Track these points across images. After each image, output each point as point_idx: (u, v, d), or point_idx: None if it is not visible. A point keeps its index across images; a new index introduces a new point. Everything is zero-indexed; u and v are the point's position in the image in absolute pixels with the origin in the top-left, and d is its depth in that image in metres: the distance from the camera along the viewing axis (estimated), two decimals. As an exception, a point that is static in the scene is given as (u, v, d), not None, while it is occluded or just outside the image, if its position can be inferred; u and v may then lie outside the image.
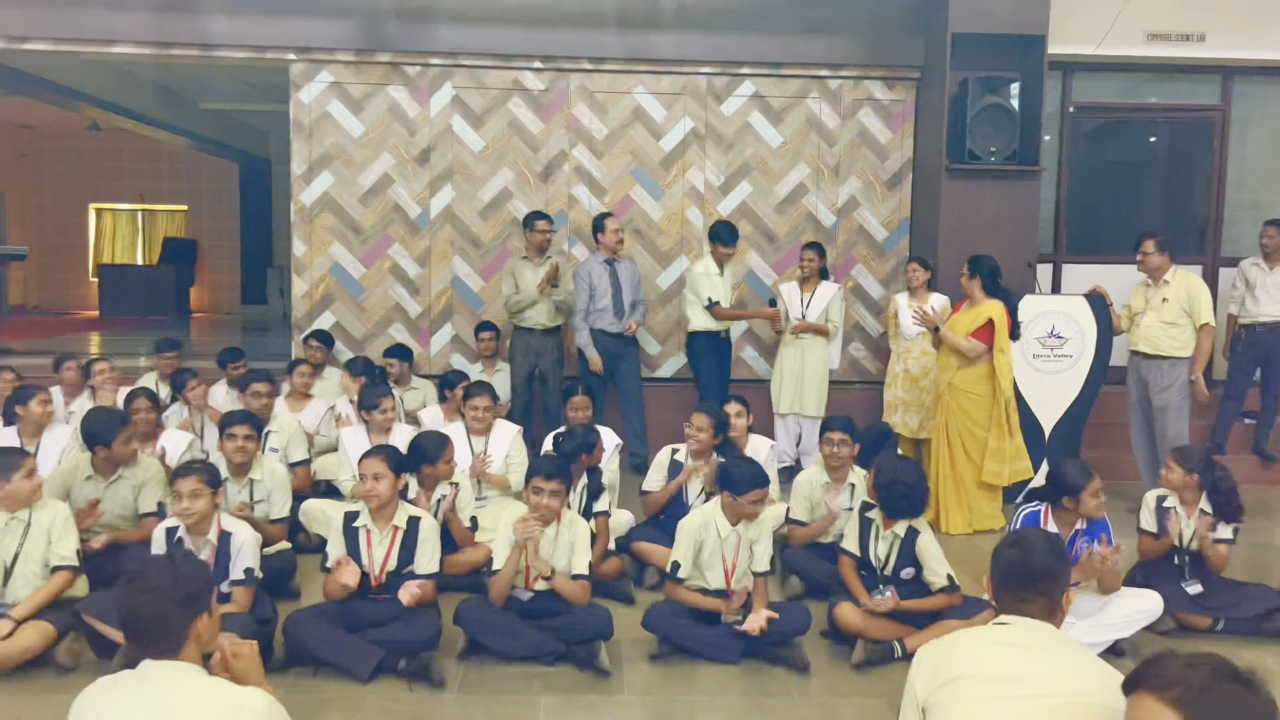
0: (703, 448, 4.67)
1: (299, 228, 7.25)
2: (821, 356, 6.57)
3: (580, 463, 4.40)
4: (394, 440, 4.94)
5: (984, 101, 6.77)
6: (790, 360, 6.60)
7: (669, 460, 4.79)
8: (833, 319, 6.55)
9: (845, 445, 4.50)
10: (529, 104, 7.26)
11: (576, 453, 4.38)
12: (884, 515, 3.86)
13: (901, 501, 3.79)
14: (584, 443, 4.39)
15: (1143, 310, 5.95)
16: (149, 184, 15.61)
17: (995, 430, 5.62)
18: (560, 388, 6.63)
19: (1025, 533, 2.32)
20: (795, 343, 6.56)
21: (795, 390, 6.57)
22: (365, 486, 3.61)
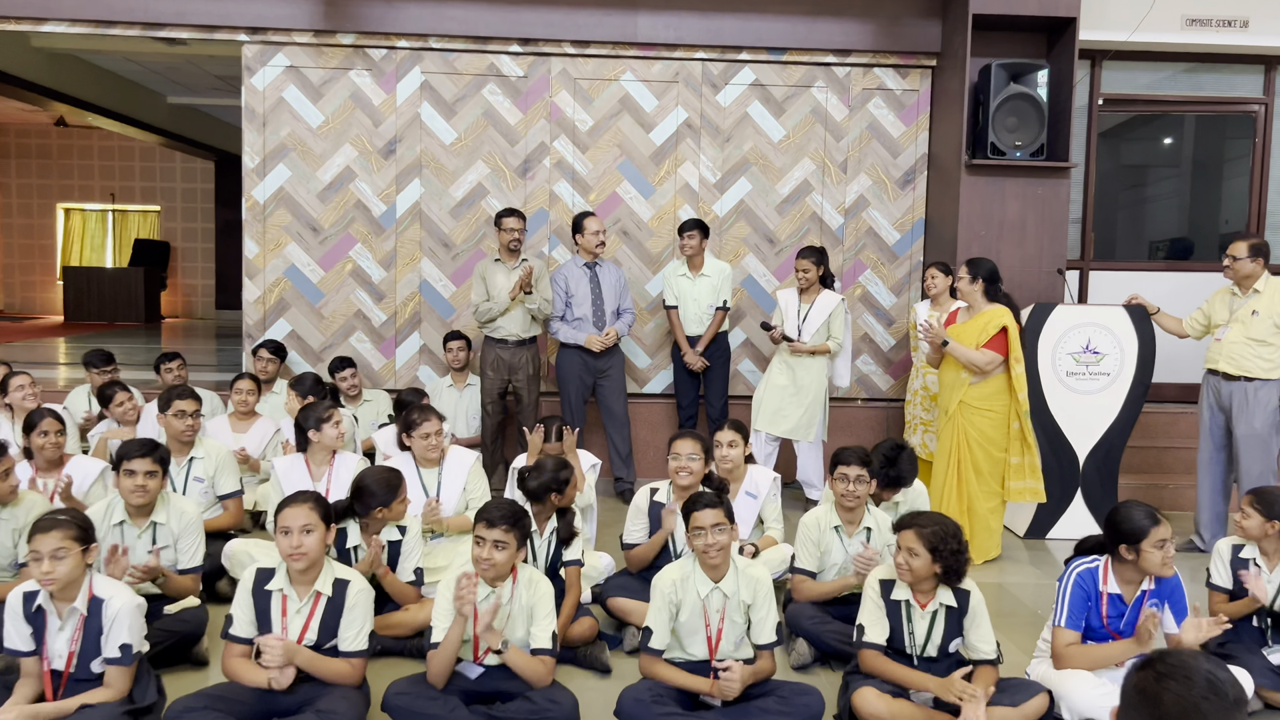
0: (694, 481, 3.99)
1: (251, 226, 6.57)
2: (817, 376, 5.84)
3: (548, 504, 3.72)
4: (338, 471, 4.28)
5: (1008, 91, 6.11)
6: (780, 375, 5.88)
7: (648, 503, 4.08)
8: (834, 334, 5.83)
9: (862, 482, 3.81)
10: (506, 91, 6.59)
11: (543, 492, 3.69)
12: (916, 589, 3.14)
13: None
14: (553, 479, 3.69)
15: (1226, 323, 5.21)
16: (120, 183, 14.94)
17: (1015, 446, 4.99)
18: (537, 405, 5.96)
19: (1182, 662, 1.60)
20: (790, 358, 5.87)
21: (776, 408, 5.84)
22: (289, 543, 2.93)
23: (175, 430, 4.25)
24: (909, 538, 3.03)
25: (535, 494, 3.67)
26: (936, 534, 3.00)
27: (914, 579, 3.07)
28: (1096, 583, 3.28)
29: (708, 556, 3.07)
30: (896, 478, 4.18)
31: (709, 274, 6.09)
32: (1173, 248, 7.78)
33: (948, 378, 5.06)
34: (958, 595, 3.11)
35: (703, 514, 3.07)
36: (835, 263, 6.81)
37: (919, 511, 3.12)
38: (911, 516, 3.09)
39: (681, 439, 4.02)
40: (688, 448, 3.98)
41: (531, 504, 3.70)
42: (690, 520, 3.11)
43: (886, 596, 3.15)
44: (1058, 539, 5.55)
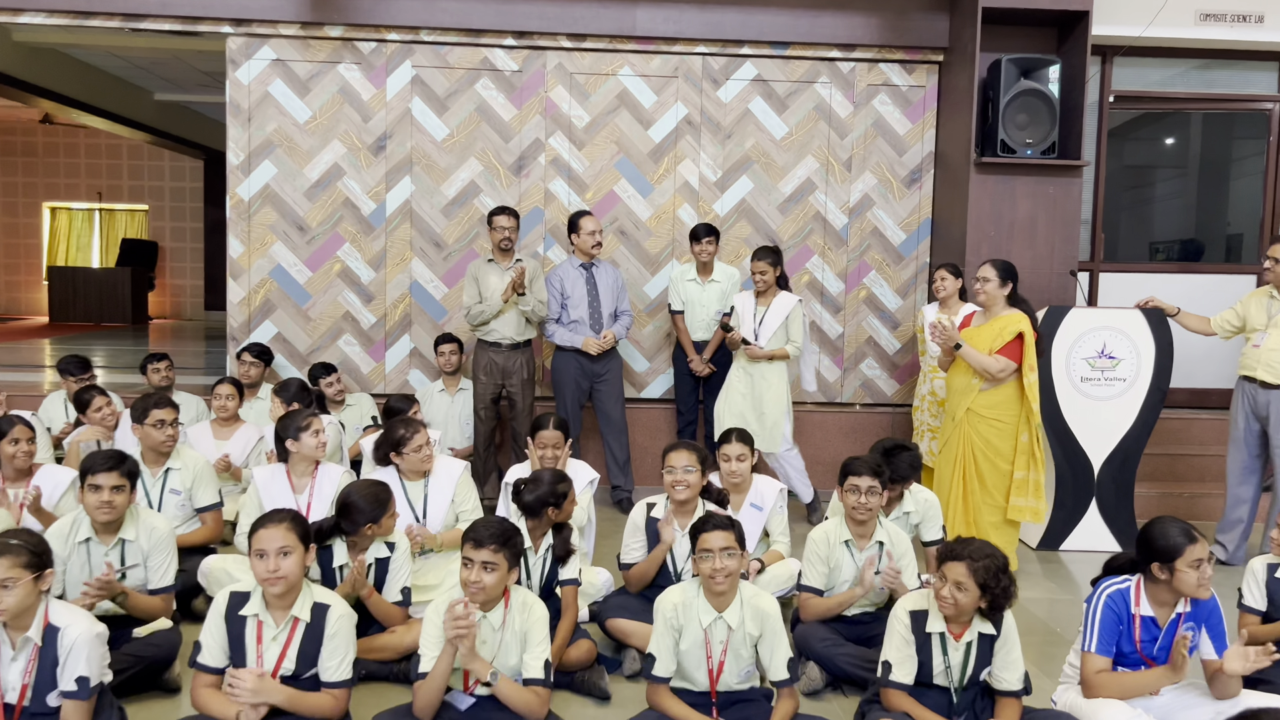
0: (692, 495, 3.78)
1: (236, 225, 6.34)
2: (778, 383, 5.51)
3: (544, 519, 3.50)
4: (321, 484, 4.06)
5: (1019, 86, 5.92)
6: (739, 384, 5.54)
7: (644, 519, 3.85)
8: (793, 337, 5.51)
9: (874, 494, 3.60)
10: (500, 86, 6.37)
11: (540, 507, 3.47)
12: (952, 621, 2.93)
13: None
14: (550, 493, 3.47)
15: (1263, 328, 4.98)
16: (107, 182, 14.67)
17: (1021, 460, 4.74)
18: (531, 410, 5.75)
19: None
20: (749, 365, 5.54)
21: (738, 420, 5.43)
22: (266, 567, 2.71)
23: (154, 441, 4.03)
24: (958, 571, 2.82)
25: (531, 508, 3.46)
26: (989, 569, 2.79)
27: (957, 613, 2.86)
28: (1128, 605, 3.07)
29: (714, 583, 2.86)
30: (901, 475, 3.95)
31: (718, 279, 5.88)
32: (1183, 249, 7.60)
33: (957, 383, 4.85)
34: (994, 623, 2.91)
35: (712, 536, 2.86)
36: (839, 264, 6.61)
37: (965, 541, 2.90)
38: (960, 546, 2.86)
39: (676, 450, 3.79)
40: (683, 459, 3.75)
41: (526, 519, 3.49)
42: (698, 541, 2.90)
43: (919, 630, 2.93)
44: (1072, 551, 5.36)
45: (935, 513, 4.14)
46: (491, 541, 2.78)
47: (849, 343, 6.65)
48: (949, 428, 4.88)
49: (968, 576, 2.83)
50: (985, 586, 2.84)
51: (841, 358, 6.65)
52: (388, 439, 4.07)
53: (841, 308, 6.62)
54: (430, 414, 6.03)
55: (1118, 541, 5.33)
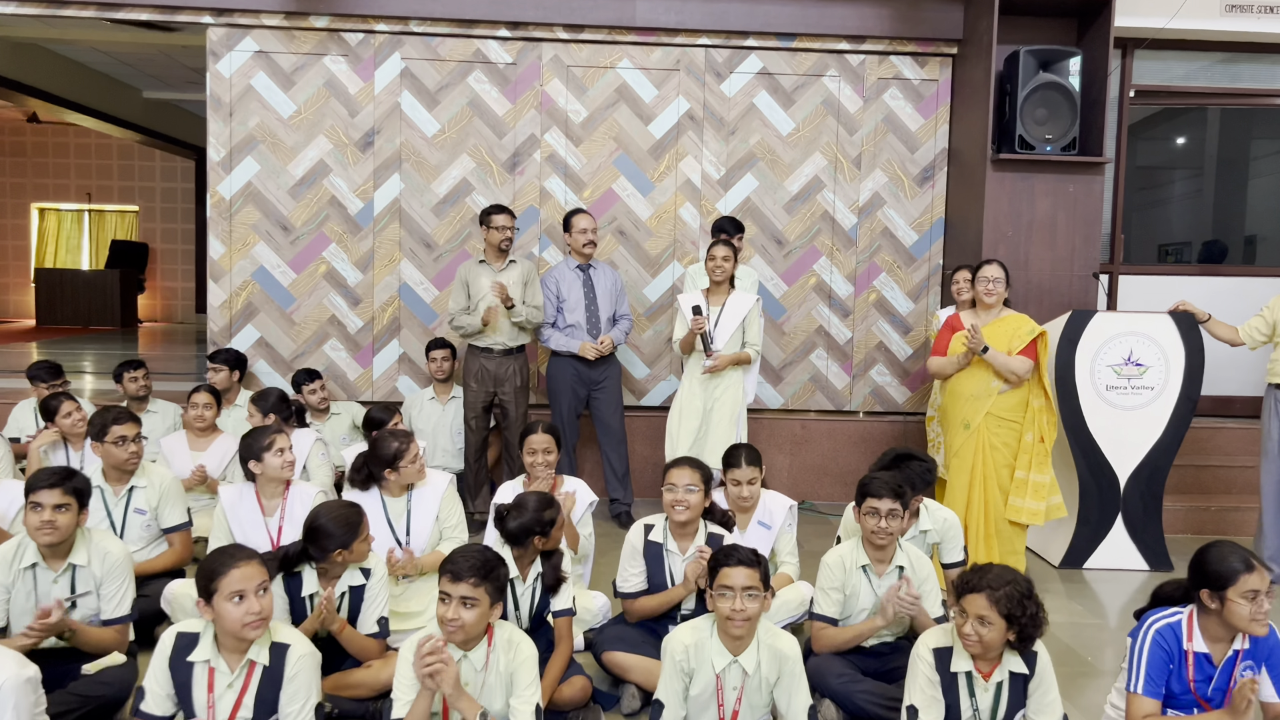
0: (693, 516, 3.48)
1: (216, 225, 6.05)
2: (735, 392, 5.11)
3: (531, 547, 3.20)
4: (293, 505, 3.76)
5: (1038, 80, 5.64)
6: (693, 395, 5.10)
7: (643, 542, 3.52)
8: (751, 340, 5.11)
9: (895, 518, 3.30)
10: (493, 79, 6.09)
11: (524, 535, 3.17)
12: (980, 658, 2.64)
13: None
14: (535, 521, 3.16)
15: None
16: (97, 182, 14.38)
17: (1023, 460, 4.55)
18: (524, 419, 5.45)
19: None
20: (700, 371, 5.10)
21: (696, 437, 5.05)
22: (248, 610, 2.43)
23: (116, 460, 3.72)
24: (978, 604, 2.53)
25: (514, 537, 3.16)
26: (1012, 597, 2.50)
27: (983, 650, 2.57)
28: (1180, 640, 2.77)
29: (731, 624, 2.57)
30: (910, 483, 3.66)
31: (740, 276, 5.58)
32: (1205, 251, 7.32)
33: (971, 388, 4.58)
34: (1026, 659, 2.61)
35: (735, 573, 2.57)
36: (848, 266, 6.32)
37: (982, 570, 2.61)
38: (976, 576, 2.57)
39: (678, 467, 3.48)
40: (685, 477, 3.45)
41: (512, 548, 3.19)
42: (717, 576, 2.61)
43: (943, 669, 2.64)
44: (1096, 569, 5.06)
45: (956, 532, 3.85)
46: (471, 574, 2.49)
47: (858, 348, 6.36)
48: (960, 437, 4.61)
49: (990, 608, 2.55)
50: (1011, 617, 2.55)
51: (850, 364, 6.36)
52: (379, 457, 3.76)
53: (850, 311, 6.33)
54: (420, 423, 5.75)
55: (1145, 560, 5.04)
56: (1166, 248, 7.35)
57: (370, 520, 3.68)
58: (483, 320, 5.21)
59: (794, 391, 6.36)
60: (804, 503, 6.19)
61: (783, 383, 6.34)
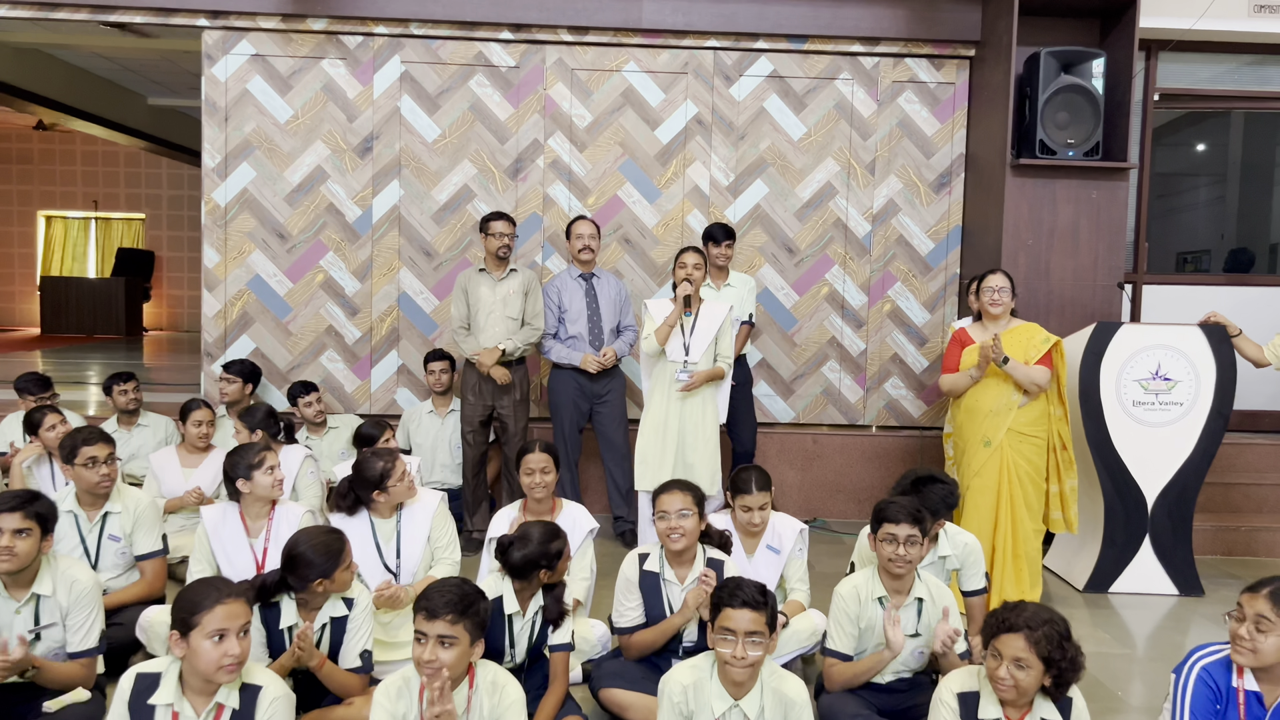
0: (689, 544, 3.27)
1: (211, 232, 5.89)
2: (712, 409, 4.82)
3: (534, 580, 3.00)
4: (279, 526, 3.57)
5: (1059, 82, 5.43)
6: (662, 412, 4.75)
7: (638, 572, 3.31)
8: (724, 352, 4.80)
9: (914, 544, 3.09)
10: (495, 83, 5.91)
11: (529, 569, 2.96)
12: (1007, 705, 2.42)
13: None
14: (540, 554, 2.96)
15: None
16: (104, 190, 14.31)
17: (1054, 472, 4.47)
18: (524, 434, 5.26)
19: None
20: (672, 386, 4.75)
21: (674, 456, 4.73)
22: (227, 651, 2.25)
23: (88, 483, 3.54)
24: (1015, 645, 2.32)
25: (518, 570, 2.96)
26: (1051, 637, 2.30)
27: (1017, 695, 2.36)
28: (1229, 677, 2.56)
29: (731, 669, 2.37)
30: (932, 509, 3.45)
31: (734, 284, 5.38)
32: (1232, 260, 7.08)
33: (990, 403, 4.37)
34: (1061, 706, 2.40)
35: (738, 615, 2.37)
36: (862, 275, 6.11)
37: (1016, 608, 2.40)
38: (1012, 615, 2.36)
39: (668, 492, 3.25)
40: (677, 502, 3.22)
41: (514, 580, 3.00)
42: (719, 615, 2.41)
43: (969, 716, 2.43)
44: (1122, 593, 4.83)
45: (977, 558, 3.64)
46: (448, 610, 2.30)
47: (872, 360, 6.14)
48: (981, 456, 4.40)
49: (1028, 650, 2.35)
50: (1049, 660, 2.35)
51: (864, 377, 6.15)
52: (365, 479, 3.57)
53: (864, 322, 6.12)
54: (418, 437, 5.57)
55: (1174, 584, 4.81)
56: (1185, 255, 7.13)
57: (358, 544, 3.52)
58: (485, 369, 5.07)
59: (805, 405, 6.15)
60: (815, 520, 5.98)
61: (793, 396, 6.14)
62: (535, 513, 3.67)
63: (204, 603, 2.27)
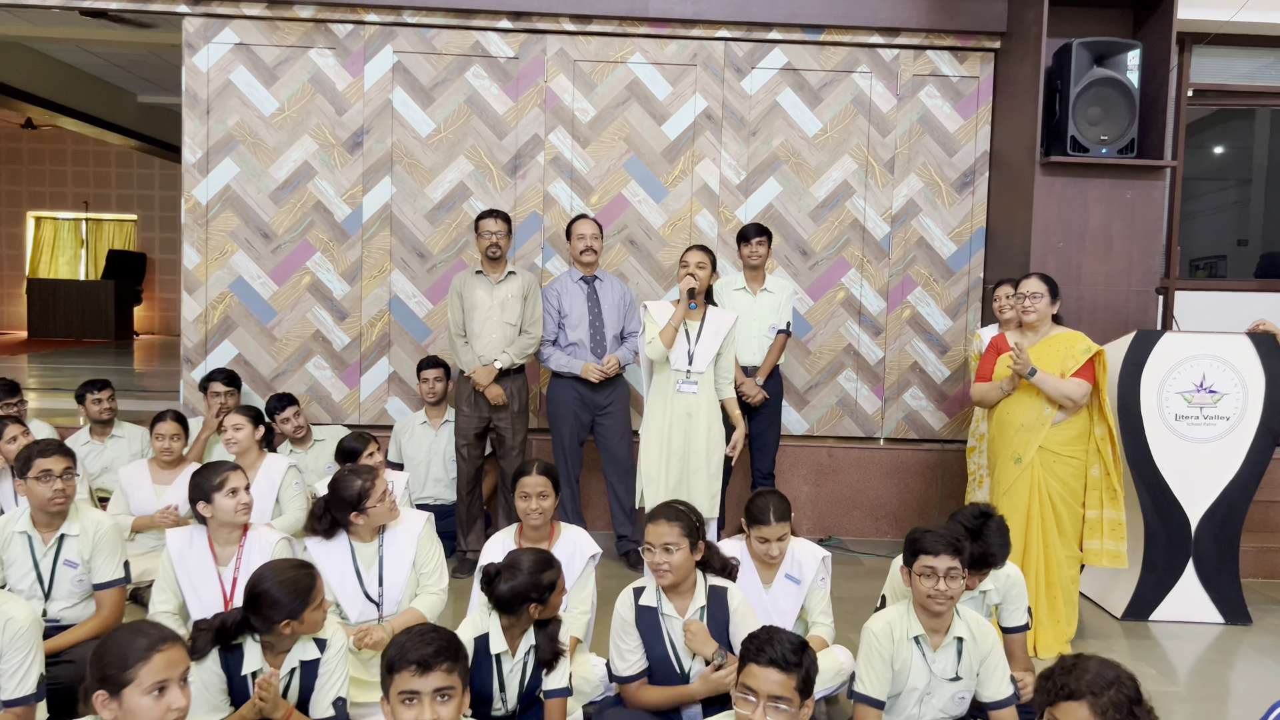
0: (680, 578, 2.91)
1: (191, 232, 5.57)
2: (717, 427, 4.43)
3: (524, 615, 2.67)
4: (250, 551, 3.25)
5: (1092, 75, 5.11)
6: (664, 426, 4.38)
7: (633, 610, 2.95)
8: (725, 369, 4.48)
9: (954, 578, 2.76)
10: (493, 75, 5.59)
11: (518, 602, 2.64)
12: None
13: None
14: (530, 585, 2.63)
15: None
16: (94, 190, 13.99)
17: (1093, 497, 4.08)
18: (523, 448, 4.93)
19: None
20: (674, 398, 4.41)
21: (676, 474, 4.36)
22: (156, 712, 1.93)
23: (40, 499, 3.20)
24: (1077, 715, 1.98)
25: (506, 603, 2.63)
26: (1120, 704, 1.96)
27: None
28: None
29: None
30: (983, 556, 3.14)
31: (771, 289, 5.04)
32: (1264, 265, 6.77)
33: (1021, 417, 4.04)
34: None
35: (764, 674, 2.05)
36: (880, 280, 5.78)
37: (1075, 666, 2.06)
38: (1072, 678, 2.01)
39: (654, 522, 2.89)
40: (662, 535, 2.85)
41: (501, 615, 2.67)
42: (743, 672, 2.08)
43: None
44: (1164, 621, 4.49)
45: (1019, 591, 3.31)
46: (442, 659, 2.02)
47: (890, 369, 5.81)
48: (1011, 473, 4.07)
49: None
50: None
51: (882, 386, 5.82)
52: (342, 499, 3.24)
53: (882, 329, 5.79)
54: (410, 450, 5.24)
55: (1219, 611, 4.47)
56: (1198, 262, 6.81)
57: (337, 570, 3.20)
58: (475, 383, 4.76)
59: (820, 416, 5.81)
60: (830, 538, 5.65)
61: (808, 406, 5.81)
62: (532, 539, 3.34)
63: (135, 653, 1.95)
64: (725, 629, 2.92)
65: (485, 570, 2.69)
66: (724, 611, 2.91)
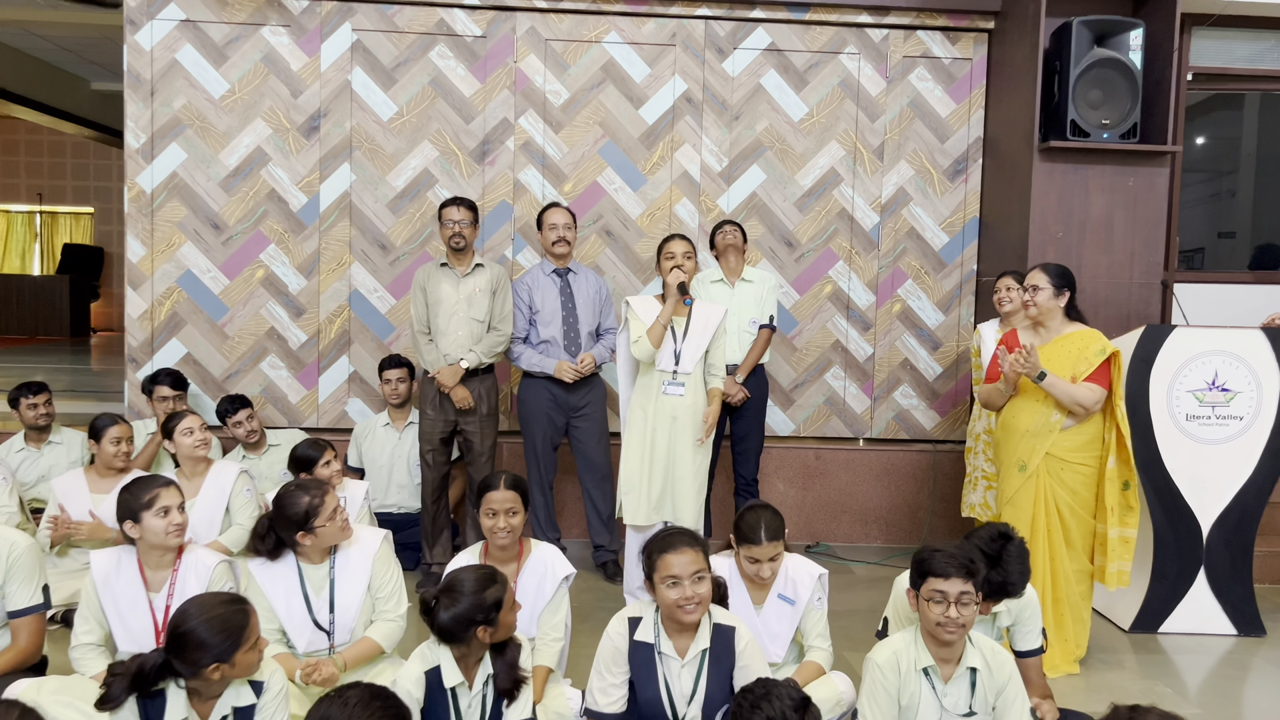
0: (704, 612, 2.60)
1: (136, 222, 5.19)
2: (697, 427, 4.11)
3: (474, 643, 2.36)
4: (185, 576, 2.92)
5: (1093, 56, 4.84)
6: (647, 431, 4.06)
7: (628, 641, 2.61)
8: (716, 362, 4.14)
9: (967, 604, 2.48)
10: (459, 55, 5.25)
11: (461, 629, 2.32)
12: None
13: None
14: (474, 607, 2.31)
15: None
16: (49, 182, 13.48)
17: (1105, 511, 3.74)
18: (493, 453, 4.61)
19: None
20: (658, 401, 4.07)
21: (660, 485, 4.05)
22: None
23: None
24: None
25: (448, 632, 2.32)
26: None
27: None
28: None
29: None
30: (1001, 585, 2.86)
31: (751, 280, 4.74)
32: (1259, 256, 6.54)
33: (1023, 422, 3.75)
34: None
35: None
36: (869, 272, 5.50)
37: (1134, 713, 1.78)
38: None
39: (675, 551, 2.52)
40: (690, 563, 2.50)
41: (449, 645, 2.36)
42: None
43: None
44: (1174, 634, 4.24)
45: (1033, 612, 3.05)
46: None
47: (880, 366, 5.53)
48: (1015, 481, 3.78)
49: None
50: None
51: (871, 384, 5.54)
52: (287, 518, 2.90)
53: (871, 324, 5.51)
54: (373, 454, 4.91)
55: (1232, 623, 4.23)
56: (1185, 254, 6.58)
57: (284, 595, 2.88)
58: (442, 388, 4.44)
59: (806, 416, 5.53)
60: (818, 544, 5.38)
61: (793, 406, 5.52)
62: (498, 560, 3.03)
63: None
64: (729, 675, 2.60)
65: (422, 598, 2.38)
66: (729, 655, 2.60)
